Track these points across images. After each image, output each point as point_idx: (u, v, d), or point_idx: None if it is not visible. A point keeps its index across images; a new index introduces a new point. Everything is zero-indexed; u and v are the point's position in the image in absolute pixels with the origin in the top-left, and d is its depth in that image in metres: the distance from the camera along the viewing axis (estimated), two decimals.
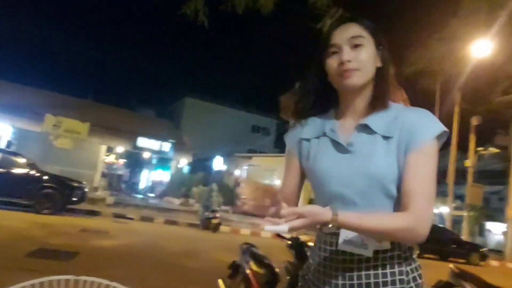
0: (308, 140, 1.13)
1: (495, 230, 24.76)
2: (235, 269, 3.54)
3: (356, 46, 1.01)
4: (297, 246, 2.84)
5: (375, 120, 1.02)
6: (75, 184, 10.23)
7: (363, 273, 0.97)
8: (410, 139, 0.97)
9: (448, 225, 17.04)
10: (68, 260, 5.03)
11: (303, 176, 1.16)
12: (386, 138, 0.99)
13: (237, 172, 24.10)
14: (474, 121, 17.24)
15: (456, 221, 20.44)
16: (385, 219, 0.93)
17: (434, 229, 10.84)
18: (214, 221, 11.15)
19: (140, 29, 74.63)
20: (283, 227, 0.86)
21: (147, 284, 4.46)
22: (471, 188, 17.22)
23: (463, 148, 18.07)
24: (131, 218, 11.27)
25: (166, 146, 20.69)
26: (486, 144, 19.44)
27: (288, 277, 2.81)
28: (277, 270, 3.00)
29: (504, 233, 16.76)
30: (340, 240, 1.00)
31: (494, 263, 14.12)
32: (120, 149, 19.31)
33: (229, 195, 20.46)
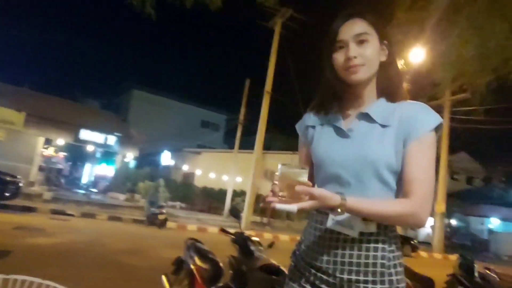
0: (313, 127, 1.20)
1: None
2: (179, 264, 3.54)
3: (361, 42, 1.06)
4: (241, 241, 2.92)
5: (375, 110, 1.09)
6: (8, 178, 9.50)
7: (347, 252, 1.03)
8: (409, 130, 1.02)
9: None
10: None
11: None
12: (383, 126, 1.06)
13: (185, 167, 23.78)
14: None
15: None
16: (388, 205, 0.99)
17: None
18: (161, 217, 10.97)
19: (87, 16, 70.41)
20: (292, 207, 0.90)
21: (86, 283, 4.33)
22: None
23: None
24: (71, 215, 10.71)
25: (111, 140, 19.83)
26: None
27: (231, 272, 2.89)
28: (221, 264, 3.06)
29: (432, 227, 18.26)
30: (329, 219, 1.06)
31: (423, 254, 15.38)
32: (60, 141, 18.17)
33: (176, 190, 20.16)
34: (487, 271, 4.16)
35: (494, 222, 28.24)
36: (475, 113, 11.74)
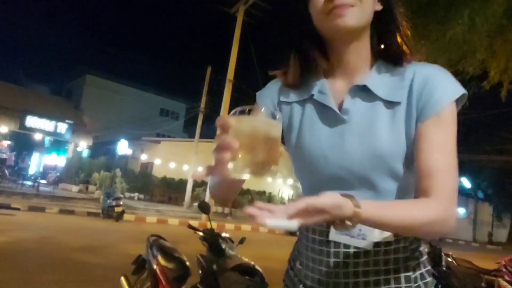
0: (289, 103, 0.88)
1: None
2: (140, 264, 3.27)
3: None
4: (211, 239, 2.69)
5: (376, 80, 0.80)
6: None
7: (360, 269, 0.78)
8: (424, 103, 0.75)
9: None
10: None
11: None
12: (390, 103, 0.78)
13: (143, 157, 22.95)
14: None
15: None
16: (413, 211, 0.69)
17: None
18: (118, 209, 10.44)
19: None
20: (292, 223, 0.58)
21: (33, 286, 3.91)
22: None
23: None
24: (16, 209, 9.89)
25: (62, 127, 18.63)
26: None
27: (200, 272, 2.66)
28: (187, 264, 2.84)
29: None
30: (332, 229, 0.79)
31: None
32: (3, 129, 16.73)
33: (134, 181, 19.41)
34: (448, 258, 4.22)
35: None
36: None
